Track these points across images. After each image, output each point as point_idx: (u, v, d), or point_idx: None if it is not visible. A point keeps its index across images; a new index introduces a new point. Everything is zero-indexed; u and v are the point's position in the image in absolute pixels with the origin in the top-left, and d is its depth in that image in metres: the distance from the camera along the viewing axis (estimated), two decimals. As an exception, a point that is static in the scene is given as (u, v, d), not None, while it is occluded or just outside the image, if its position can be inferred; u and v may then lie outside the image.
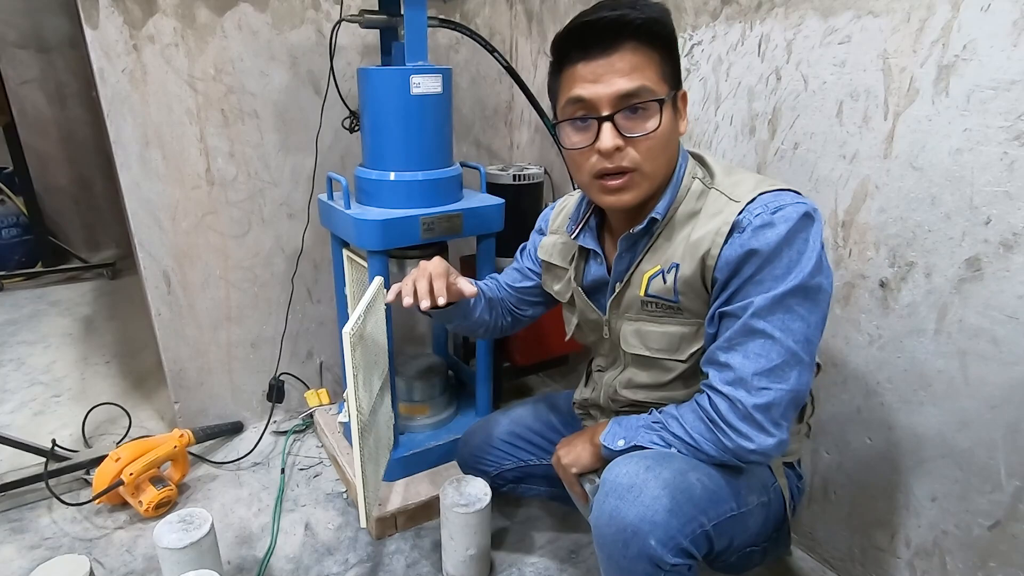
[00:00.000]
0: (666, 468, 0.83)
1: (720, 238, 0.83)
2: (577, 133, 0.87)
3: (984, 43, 0.90)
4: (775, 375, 0.80)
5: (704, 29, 1.32)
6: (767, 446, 0.81)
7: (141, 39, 1.40)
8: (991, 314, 0.96)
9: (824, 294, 0.82)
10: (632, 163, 0.85)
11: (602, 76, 0.82)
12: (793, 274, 0.79)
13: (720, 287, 0.85)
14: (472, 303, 1.09)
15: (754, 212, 0.82)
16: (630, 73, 0.81)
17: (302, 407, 1.86)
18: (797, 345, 0.80)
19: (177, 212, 1.55)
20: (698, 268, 0.86)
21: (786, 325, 0.80)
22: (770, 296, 0.79)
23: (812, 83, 1.13)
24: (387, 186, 1.32)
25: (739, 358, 0.81)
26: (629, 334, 0.98)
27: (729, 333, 0.83)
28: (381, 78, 1.27)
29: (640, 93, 0.82)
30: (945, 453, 1.06)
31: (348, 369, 1.04)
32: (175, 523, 1.14)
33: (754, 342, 0.81)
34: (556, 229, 1.12)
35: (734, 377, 0.81)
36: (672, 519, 0.80)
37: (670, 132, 0.86)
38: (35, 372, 2.15)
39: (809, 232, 0.80)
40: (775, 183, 0.86)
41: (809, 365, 0.82)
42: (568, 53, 0.85)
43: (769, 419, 0.80)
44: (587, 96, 0.83)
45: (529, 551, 1.37)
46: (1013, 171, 0.90)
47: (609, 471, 0.86)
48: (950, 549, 1.09)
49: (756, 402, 0.80)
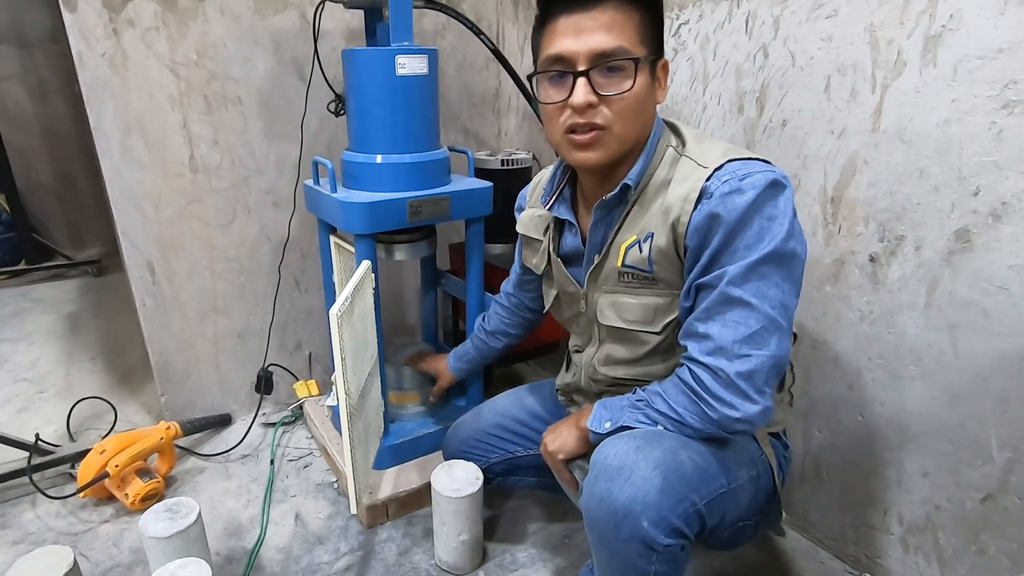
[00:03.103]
0: (656, 447, 0.82)
1: (689, 205, 0.83)
2: (553, 87, 0.87)
3: (971, 12, 0.90)
4: (755, 341, 0.79)
5: (691, 8, 1.31)
6: (752, 413, 0.80)
7: (121, 23, 1.37)
8: (981, 286, 0.96)
9: (798, 260, 0.82)
10: (604, 120, 0.84)
11: (582, 31, 0.82)
12: (765, 241, 0.79)
13: (692, 256, 0.84)
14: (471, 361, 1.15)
15: (722, 179, 0.81)
16: (610, 30, 0.81)
17: (291, 399, 1.84)
18: (774, 311, 0.79)
19: (160, 200, 1.52)
20: (670, 236, 0.86)
21: (762, 292, 0.79)
22: (744, 264, 0.79)
23: (800, 59, 1.13)
24: (374, 169, 1.30)
25: (717, 327, 0.81)
26: (606, 306, 0.97)
27: (706, 304, 0.82)
28: (366, 59, 1.25)
29: (617, 52, 0.81)
30: (936, 428, 1.06)
31: (336, 351, 1.02)
32: (161, 512, 1.12)
33: (732, 310, 0.80)
34: (533, 203, 1.12)
35: (714, 347, 0.81)
36: (664, 499, 0.79)
37: (645, 95, 0.85)
38: (19, 369, 2.11)
39: (778, 199, 0.80)
40: (744, 152, 0.86)
41: (787, 331, 0.82)
42: (551, 5, 0.85)
43: (752, 386, 0.80)
44: (565, 52, 0.83)
45: (521, 539, 1.36)
46: (1001, 140, 0.90)
47: (598, 453, 0.85)
48: (943, 524, 1.09)
49: (738, 369, 0.79)
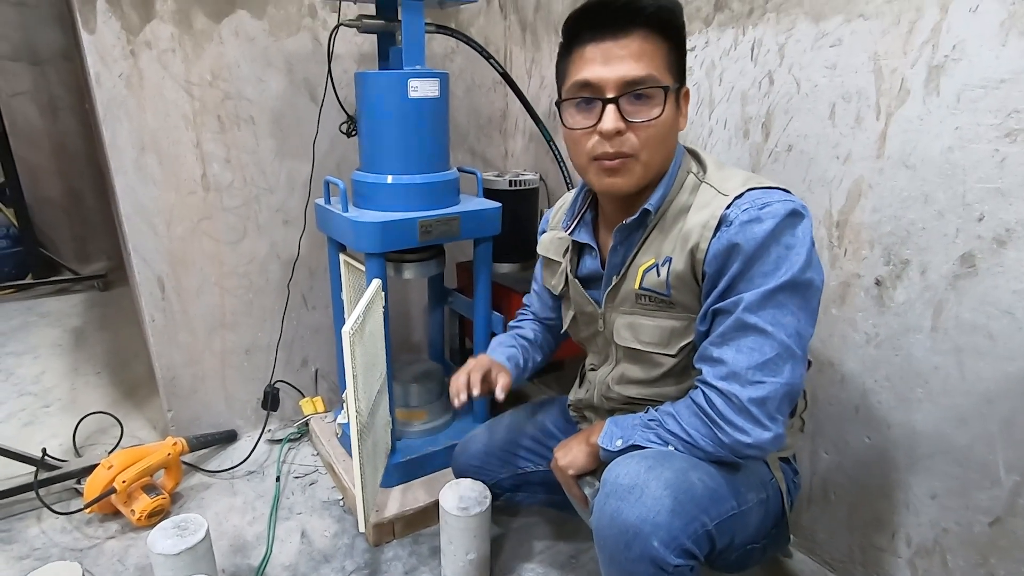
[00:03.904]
0: (667, 468, 0.83)
1: (708, 232, 0.84)
2: (580, 113, 0.87)
3: (973, 43, 0.92)
4: (768, 368, 0.80)
5: (697, 35, 1.34)
6: (763, 440, 0.81)
7: (138, 44, 1.40)
8: (986, 310, 0.97)
9: (815, 290, 0.83)
10: (631, 149, 0.85)
11: (611, 59, 0.82)
12: (783, 269, 0.80)
13: (710, 282, 0.85)
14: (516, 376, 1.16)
15: (742, 207, 0.82)
16: (639, 59, 0.82)
17: (297, 415, 1.84)
18: (789, 339, 0.80)
19: (172, 217, 1.54)
20: (688, 261, 0.86)
21: (777, 320, 0.80)
22: (761, 291, 0.80)
23: (804, 86, 1.15)
24: (385, 189, 1.32)
25: (732, 352, 0.82)
26: (622, 327, 0.98)
27: (721, 329, 0.83)
28: (379, 82, 1.28)
29: (647, 80, 0.82)
30: (944, 450, 1.07)
31: (348, 370, 1.03)
32: (169, 529, 1.12)
33: (746, 337, 0.81)
34: (555, 225, 1.14)
35: (727, 371, 0.82)
36: (675, 519, 0.79)
37: (671, 123, 0.87)
38: (24, 383, 2.12)
39: (797, 228, 0.81)
40: (764, 180, 0.87)
41: (802, 359, 0.83)
42: (579, 33, 0.85)
43: (764, 412, 0.80)
44: (593, 79, 0.83)
45: (528, 558, 1.36)
46: (1004, 168, 0.92)
47: (609, 472, 0.85)
48: (951, 547, 1.09)
49: (751, 395, 0.80)
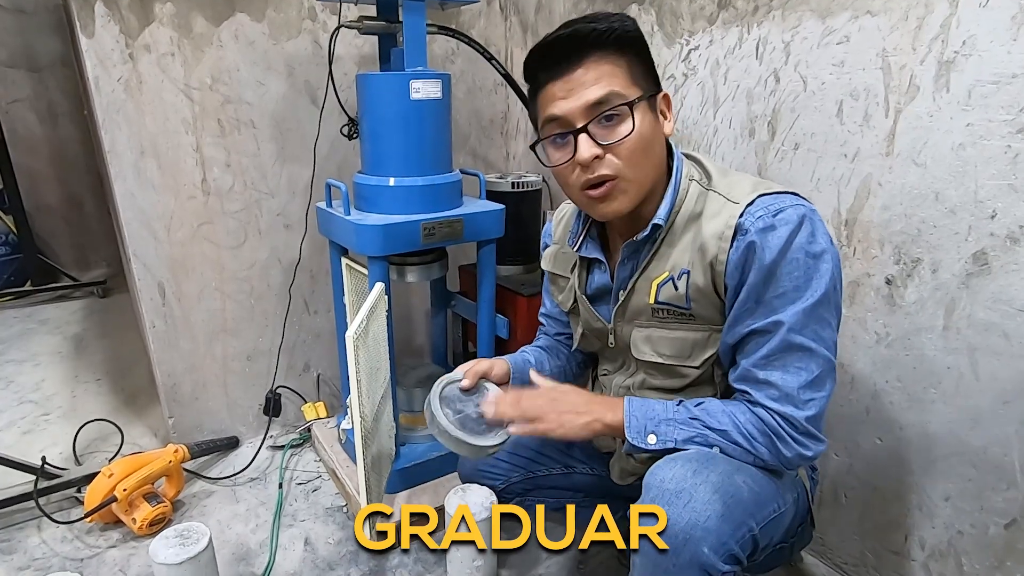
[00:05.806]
0: (713, 471, 0.80)
1: (725, 243, 0.83)
2: (557, 150, 0.88)
3: (983, 38, 0.91)
4: (816, 386, 0.82)
5: (701, 34, 1.33)
6: (820, 452, 0.84)
7: (137, 48, 1.39)
8: (1000, 308, 0.96)
9: (840, 290, 0.83)
10: (613, 170, 0.85)
11: (571, 90, 0.83)
12: (814, 280, 0.80)
13: (733, 293, 0.84)
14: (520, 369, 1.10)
15: (755, 215, 0.82)
16: (597, 81, 0.82)
17: (299, 421, 1.82)
18: (829, 352, 0.82)
19: (172, 222, 1.53)
20: (708, 274, 0.86)
21: (819, 335, 0.81)
22: (801, 309, 0.80)
23: (811, 84, 1.14)
24: (387, 192, 1.30)
25: (779, 374, 0.82)
26: (640, 341, 0.97)
27: (765, 351, 0.82)
28: (381, 83, 1.26)
29: (609, 99, 0.82)
30: (958, 451, 1.05)
31: (351, 375, 1.02)
32: (172, 538, 1.11)
33: (792, 356, 0.81)
34: (558, 240, 1.12)
35: (779, 394, 0.82)
36: (724, 525, 0.77)
37: (650, 134, 0.86)
38: (24, 391, 2.10)
39: (816, 233, 0.80)
40: (772, 185, 0.86)
41: (836, 366, 0.84)
42: (536, 75, 0.87)
43: (819, 428, 0.83)
44: (560, 113, 0.84)
45: (535, 564, 1.34)
46: (1017, 164, 0.91)
47: (652, 475, 0.82)
48: (966, 550, 1.07)
49: (807, 415, 0.81)
